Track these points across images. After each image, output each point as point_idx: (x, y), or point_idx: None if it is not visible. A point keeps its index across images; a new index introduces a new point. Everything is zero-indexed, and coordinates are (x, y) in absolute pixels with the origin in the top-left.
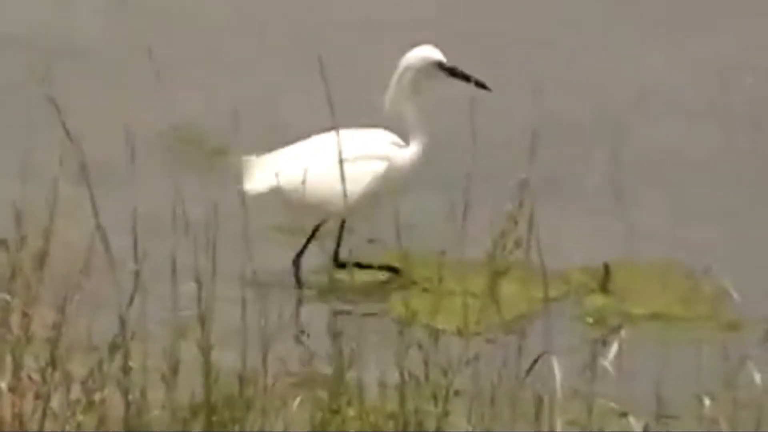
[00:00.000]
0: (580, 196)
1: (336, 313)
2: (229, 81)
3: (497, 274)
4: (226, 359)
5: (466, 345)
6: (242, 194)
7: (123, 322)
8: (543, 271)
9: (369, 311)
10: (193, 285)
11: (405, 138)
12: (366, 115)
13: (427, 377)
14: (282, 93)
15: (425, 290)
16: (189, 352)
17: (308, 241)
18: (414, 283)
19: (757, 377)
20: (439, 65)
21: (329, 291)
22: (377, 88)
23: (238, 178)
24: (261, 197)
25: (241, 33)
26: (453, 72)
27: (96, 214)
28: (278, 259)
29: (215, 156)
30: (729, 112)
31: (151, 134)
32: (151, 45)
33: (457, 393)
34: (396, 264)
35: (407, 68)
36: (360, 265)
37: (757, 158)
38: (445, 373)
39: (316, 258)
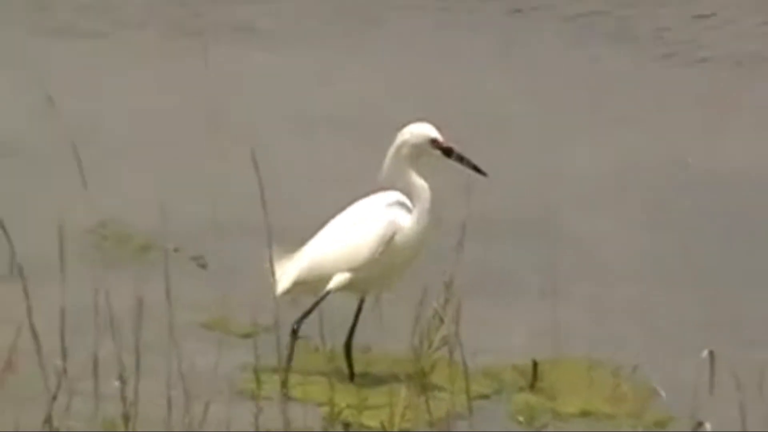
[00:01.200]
0: (510, 293)
1: (260, 410)
2: (158, 176)
3: (423, 371)
4: None
5: None
6: (168, 290)
7: (48, 420)
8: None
9: (293, 407)
10: (116, 383)
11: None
12: (296, 207)
13: None
14: (213, 186)
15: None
16: None
17: (312, 307)
18: (339, 378)
19: None
20: (434, 143)
21: (257, 389)
22: (309, 182)
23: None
24: (290, 293)
25: (171, 128)
26: (448, 152)
27: (29, 313)
28: (205, 355)
29: (142, 252)
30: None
31: (78, 232)
32: (77, 143)
33: None
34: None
35: (403, 143)
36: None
37: (684, 255)
38: None
39: (245, 356)
